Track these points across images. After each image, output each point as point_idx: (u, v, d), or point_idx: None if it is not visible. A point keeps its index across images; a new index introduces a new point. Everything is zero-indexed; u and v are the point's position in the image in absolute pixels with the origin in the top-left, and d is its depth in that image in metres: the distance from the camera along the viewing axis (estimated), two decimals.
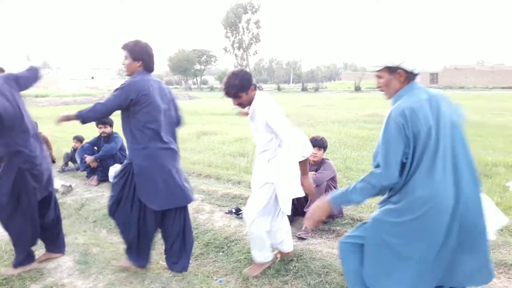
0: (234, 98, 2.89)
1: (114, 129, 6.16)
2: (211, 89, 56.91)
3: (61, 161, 6.96)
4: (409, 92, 2.08)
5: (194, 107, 21.99)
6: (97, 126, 5.96)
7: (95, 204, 4.94)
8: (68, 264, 3.33)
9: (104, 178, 5.80)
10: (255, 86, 2.96)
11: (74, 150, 6.55)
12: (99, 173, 5.85)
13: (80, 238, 3.81)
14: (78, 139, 6.71)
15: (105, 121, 5.94)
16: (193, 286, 2.96)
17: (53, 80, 52.49)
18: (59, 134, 9.72)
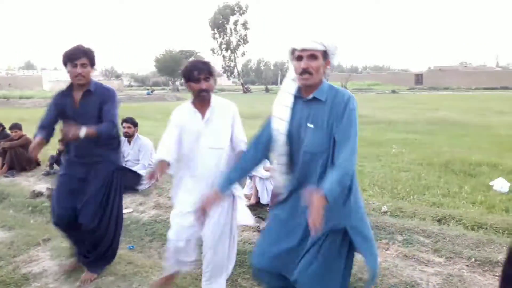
0: (208, 76, 2.61)
1: None
2: None
3: (46, 164, 6.85)
4: (331, 88, 2.07)
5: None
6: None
7: None
8: (53, 268, 3.28)
9: None
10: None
11: (60, 153, 6.44)
12: None
13: (65, 242, 3.73)
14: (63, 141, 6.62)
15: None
16: None
17: (38, 82, 51.72)
18: None
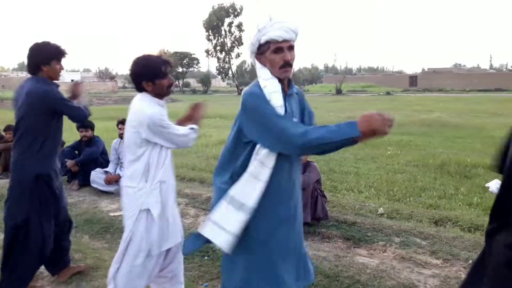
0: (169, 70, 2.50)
1: (95, 133, 6.07)
2: (193, 91, 56.63)
3: None
4: None
5: (177, 110, 21.82)
6: (78, 130, 5.85)
7: (77, 209, 4.84)
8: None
9: (85, 182, 5.68)
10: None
11: None
12: (80, 177, 5.73)
13: None
14: None
15: (86, 125, 5.82)
16: None
17: None
18: None
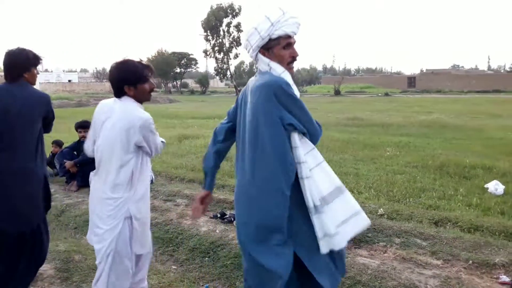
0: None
1: None
2: (192, 92, 56.59)
3: None
4: None
5: (175, 111, 21.85)
6: (77, 130, 5.84)
7: (76, 210, 4.83)
8: (49, 272, 3.24)
9: (84, 183, 5.64)
10: None
11: (53, 155, 6.38)
12: (79, 178, 5.71)
13: (61, 245, 3.71)
14: (57, 143, 6.55)
15: (85, 125, 5.81)
16: None
17: None
18: None
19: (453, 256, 3.26)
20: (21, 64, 2.73)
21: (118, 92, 2.37)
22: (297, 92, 1.90)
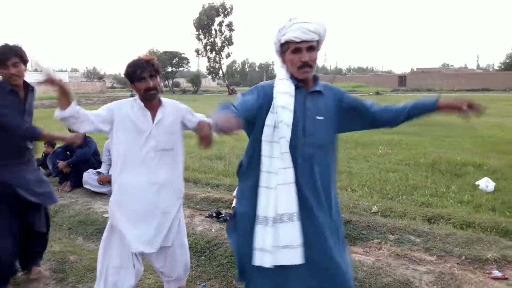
0: (154, 74, 2.42)
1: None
2: (184, 91, 56.41)
3: None
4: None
5: None
6: (70, 131, 5.79)
7: (70, 211, 4.80)
8: (43, 273, 3.22)
9: (77, 184, 5.64)
10: None
11: (46, 155, 6.33)
12: (73, 178, 5.69)
13: (55, 246, 3.69)
14: (50, 143, 6.49)
15: None
16: None
17: None
18: None
19: (446, 252, 3.31)
20: None
21: None
22: (284, 98, 1.86)
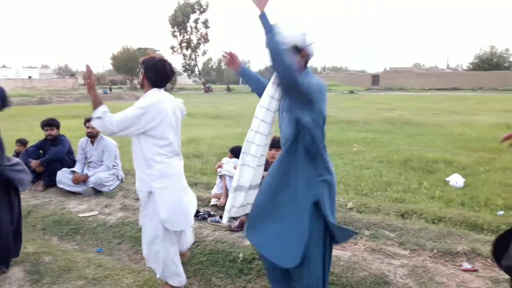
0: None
1: (63, 132, 5.89)
2: None
3: None
4: (310, 74, 2.23)
5: None
6: (43, 128, 5.66)
7: (43, 211, 4.69)
8: (17, 275, 3.15)
9: (51, 183, 5.51)
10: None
11: (17, 154, 6.14)
12: (46, 177, 5.55)
13: (29, 247, 3.60)
14: (22, 142, 6.31)
15: (51, 123, 5.65)
16: None
17: None
18: None
19: (419, 246, 3.42)
20: None
21: None
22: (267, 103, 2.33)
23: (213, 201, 4.63)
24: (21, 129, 11.15)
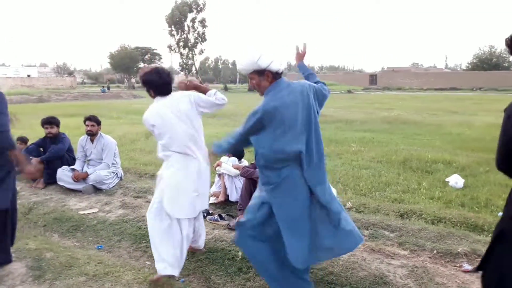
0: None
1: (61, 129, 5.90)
2: None
3: None
4: (275, 88, 2.43)
5: (140, 107, 21.41)
6: (43, 127, 5.66)
7: (44, 208, 4.70)
8: (20, 270, 3.15)
9: (51, 180, 5.52)
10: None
11: None
12: (46, 175, 5.56)
13: (31, 243, 3.61)
14: (22, 140, 6.31)
15: (51, 121, 5.65)
16: None
17: None
18: None
19: (419, 247, 3.44)
20: None
21: None
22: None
23: (212, 199, 4.64)
24: (21, 126, 11.13)
